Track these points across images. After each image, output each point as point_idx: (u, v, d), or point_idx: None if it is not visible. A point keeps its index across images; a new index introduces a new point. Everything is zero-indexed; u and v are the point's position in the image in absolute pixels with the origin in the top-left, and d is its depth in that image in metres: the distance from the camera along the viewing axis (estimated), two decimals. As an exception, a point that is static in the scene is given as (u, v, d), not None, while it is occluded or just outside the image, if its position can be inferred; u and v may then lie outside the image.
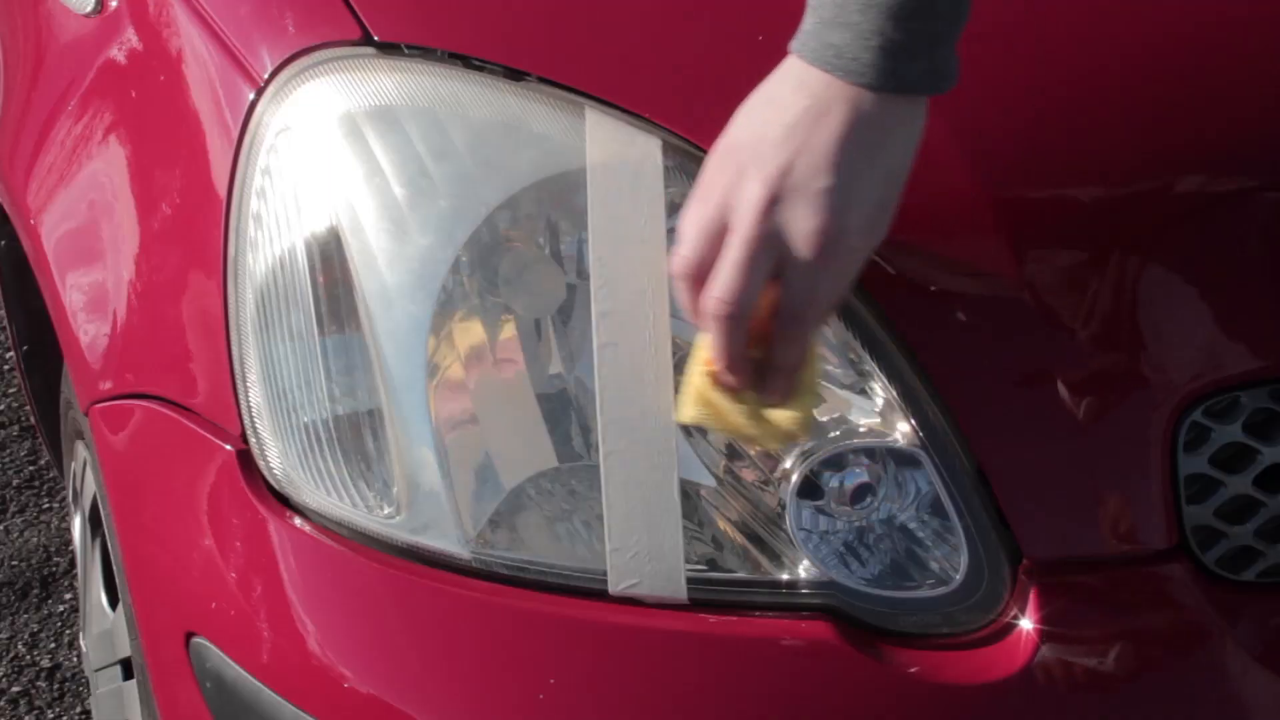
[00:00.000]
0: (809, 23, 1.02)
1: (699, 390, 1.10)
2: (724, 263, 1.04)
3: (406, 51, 1.23)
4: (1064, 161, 1.19)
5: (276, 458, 1.25)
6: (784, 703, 1.16)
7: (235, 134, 1.27)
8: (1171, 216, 1.20)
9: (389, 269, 1.19)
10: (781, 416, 1.10)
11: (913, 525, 1.19)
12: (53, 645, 2.45)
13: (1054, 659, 1.16)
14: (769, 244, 1.03)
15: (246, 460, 1.27)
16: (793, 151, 1.02)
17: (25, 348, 2.11)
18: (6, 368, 3.08)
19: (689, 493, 1.18)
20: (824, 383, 1.16)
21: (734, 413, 1.10)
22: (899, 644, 1.18)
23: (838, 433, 1.18)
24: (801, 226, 1.02)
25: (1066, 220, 1.19)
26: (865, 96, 1.01)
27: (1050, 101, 1.21)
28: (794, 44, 1.03)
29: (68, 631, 2.48)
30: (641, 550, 1.16)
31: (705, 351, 1.09)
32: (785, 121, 1.02)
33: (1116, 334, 1.18)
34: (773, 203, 1.02)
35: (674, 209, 1.16)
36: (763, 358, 1.07)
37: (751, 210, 1.02)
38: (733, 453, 1.19)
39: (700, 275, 1.05)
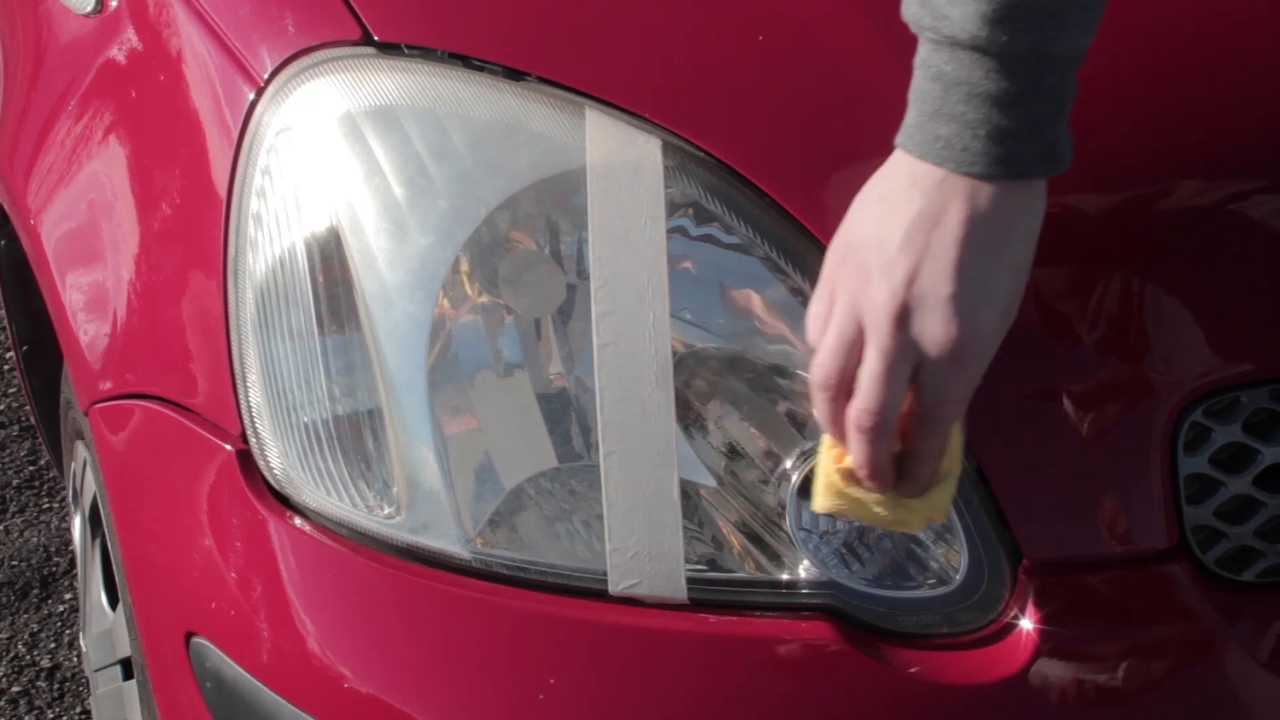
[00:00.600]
0: (912, 115, 1.01)
1: (834, 484, 1.09)
2: (865, 375, 1.03)
3: (406, 51, 1.23)
4: (1064, 161, 1.19)
5: (276, 457, 1.25)
6: (784, 703, 1.16)
7: (235, 134, 1.27)
8: (1171, 217, 1.20)
9: (389, 269, 1.19)
10: (923, 503, 1.09)
11: (913, 525, 1.19)
12: (53, 645, 2.45)
13: (1054, 659, 1.16)
14: (906, 353, 1.02)
15: (246, 460, 1.27)
16: (916, 258, 1.00)
17: (25, 348, 2.11)
18: (6, 368, 3.08)
19: (689, 493, 1.18)
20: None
21: (873, 503, 1.09)
22: (899, 644, 1.17)
23: (838, 433, 1.18)
24: (935, 335, 1.01)
25: (1066, 221, 1.18)
26: (980, 188, 1.00)
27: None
28: (900, 137, 1.02)
29: (68, 631, 2.48)
30: (641, 550, 1.16)
31: (836, 448, 1.08)
32: (903, 224, 1.01)
33: (1116, 334, 1.18)
34: (904, 312, 1.01)
35: (674, 209, 1.16)
36: (902, 451, 1.07)
37: (885, 321, 1.01)
38: (733, 453, 1.19)
39: (843, 385, 1.05)
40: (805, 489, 1.17)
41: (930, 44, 1.00)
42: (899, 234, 1.01)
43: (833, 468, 1.09)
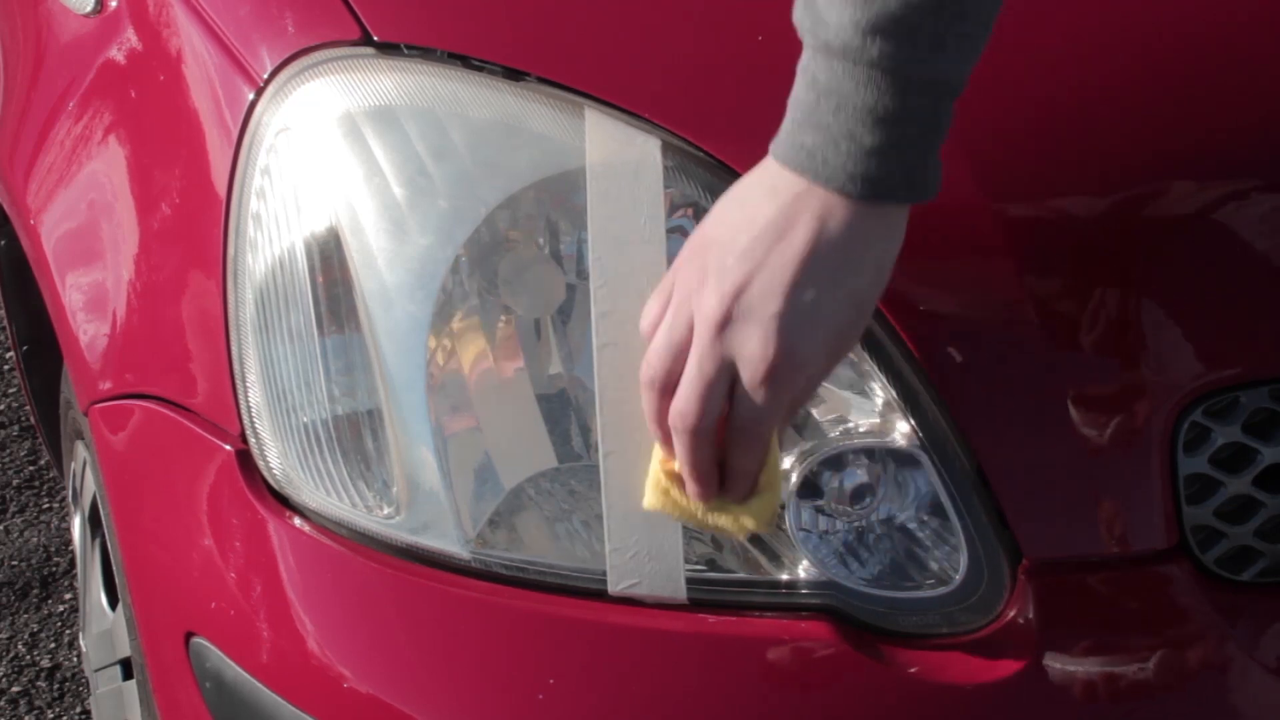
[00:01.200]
0: (786, 121, 1.00)
1: (660, 483, 1.10)
2: (684, 379, 1.03)
3: (406, 51, 1.23)
4: (1063, 163, 1.19)
5: (276, 458, 1.25)
6: (784, 703, 1.16)
7: (235, 134, 1.27)
8: (1171, 217, 1.20)
9: (389, 269, 1.19)
10: (742, 511, 1.09)
11: (912, 525, 1.19)
12: (53, 645, 2.45)
13: (1054, 659, 1.16)
14: (723, 364, 1.01)
15: (246, 460, 1.27)
16: (751, 268, 0.99)
17: (25, 348, 2.11)
18: (6, 368, 3.08)
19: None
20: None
21: (695, 507, 1.10)
22: (899, 644, 1.17)
23: (838, 433, 1.18)
24: (751, 351, 1.00)
25: (1066, 221, 1.19)
26: (833, 208, 0.98)
27: (1050, 102, 1.20)
28: (772, 144, 1.01)
29: (68, 631, 2.48)
30: (641, 550, 1.16)
31: (662, 445, 1.09)
32: (751, 232, 1.00)
33: (1116, 334, 1.18)
34: (726, 322, 1.00)
35: (674, 209, 1.16)
36: (723, 461, 1.07)
37: (707, 329, 1.01)
38: (732, 453, 1.19)
39: (668, 385, 1.04)
40: (805, 489, 1.17)
41: (809, 49, 0.98)
42: (743, 241, 1.00)
43: (659, 468, 1.10)
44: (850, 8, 0.95)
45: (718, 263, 1.01)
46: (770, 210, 0.99)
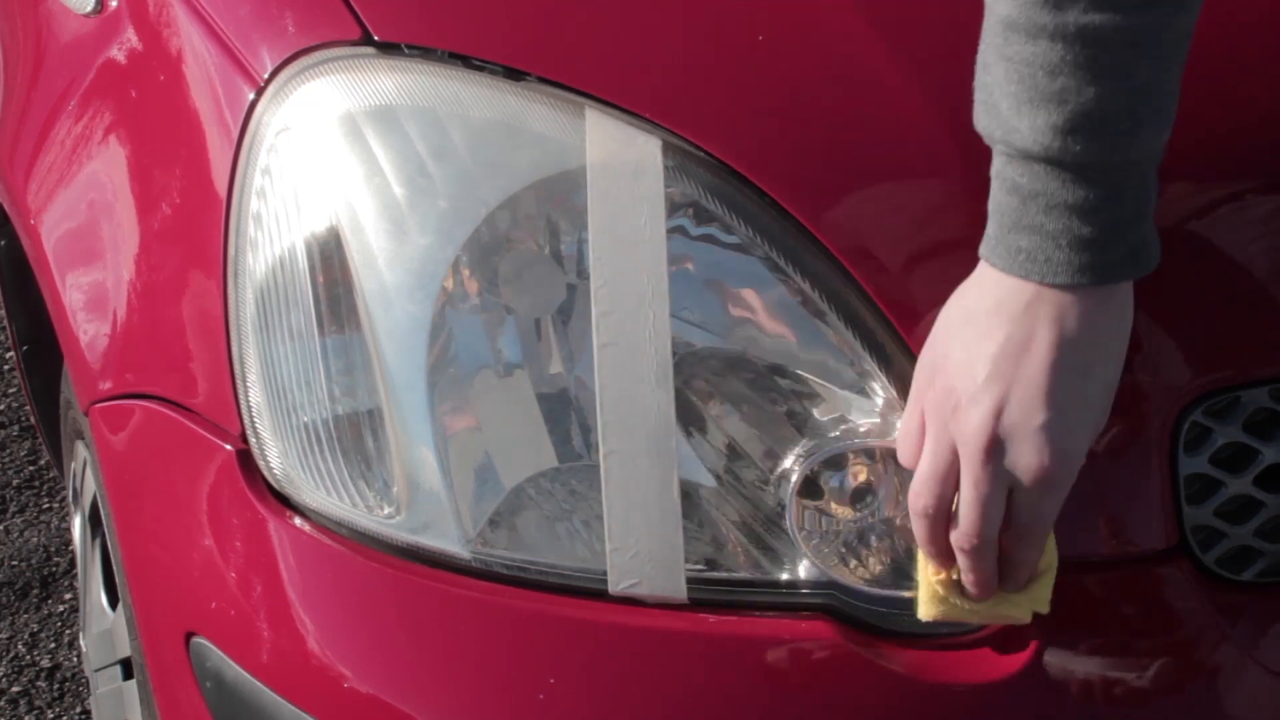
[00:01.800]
0: (993, 227, 1.01)
1: (936, 594, 1.12)
2: (963, 503, 1.05)
3: (406, 51, 1.23)
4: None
5: (276, 457, 1.25)
6: (784, 703, 1.16)
7: (235, 134, 1.27)
8: (1171, 217, 1.20)
9: (389, 269, 1.19)
10: (1024, 598, 1.12)
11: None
12: (53, 645, 2.45)
13: (1053, 659, 1.16)
14: (1000, 481, 1.03)
15: (246, 460, 1.27)
16: (1005, 387, 1.01)
17: (25, 348, 2.11)
18: (6, 368, 3.08)
19: (689, 493, 1.17)
20: (822, 381, 1.16)
21: (976, 607, 1.12)
22: (899, 644, 1.17)
23: (838, 433, 1.18)
24: (1028, 465, 1.02)
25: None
26: (1067, 307, 0.99)
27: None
28: (982, 249, 1.02)
29: (68, 631, 2.48)
30: (641, 550, 1.16)
31: (934, 559, 1.11)
32: (991, 352, 1.01)
33: (1117, 334, 1.18)
34: (995, 443, 1.02)
35: (674, 209, 1.16)
36: (1001, 556, 1.09)
37: (977, 453, 1.03)
38: (733, 453, 1.19)
39: (940, 513, 1.07)
40: (805, 489, 1.17)
41: (1003, 156, 0.99)
42: (987, 362, 1.01)
43: (933, 579, 1.12)
44: (1043, 112, 0.96)
45: (967, 387, 1.02)
46: (1006, 326, 1.01)
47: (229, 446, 1.28)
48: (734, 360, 1.18)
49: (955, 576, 1.11)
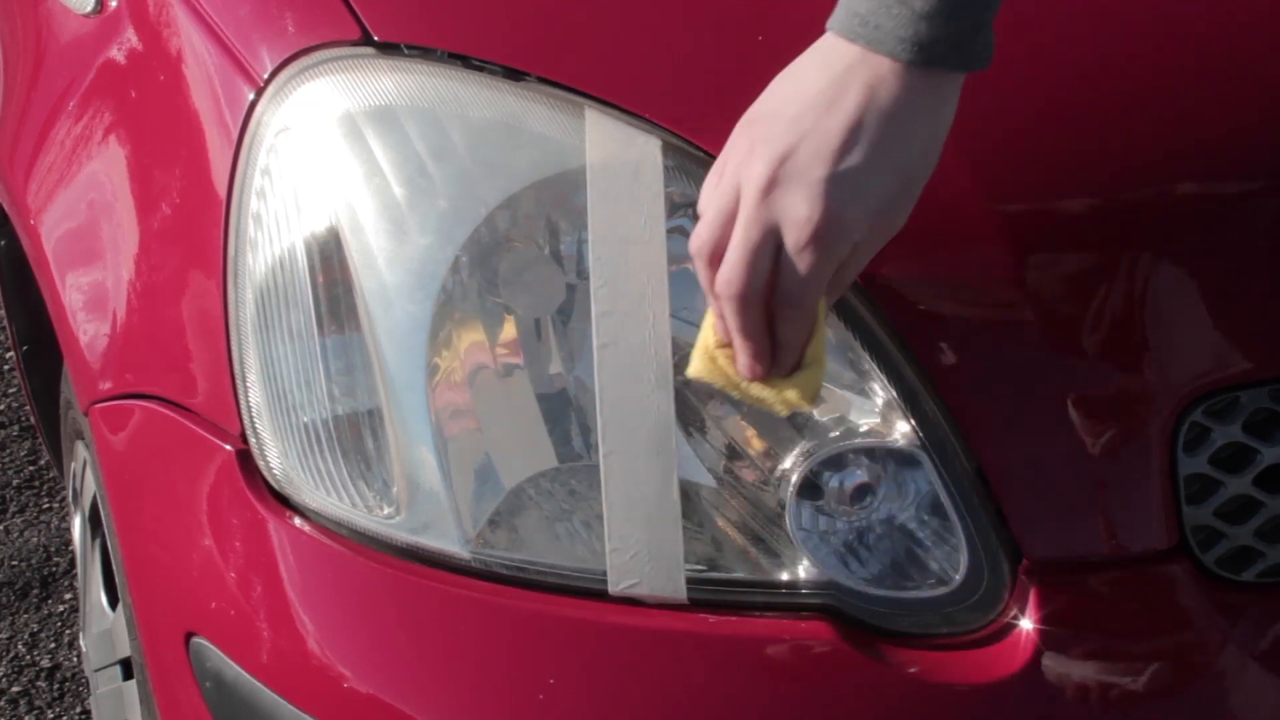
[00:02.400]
0: None
1: (709, 351, 1.09)
2: (731, 244, 1.03)
3: (406, 51, 1.23)
4: (1065, 163, 1.19)
5: (276, 458, 1.25)
6: (784, 703, 1.16)
7: (235, 134, 1.27)
8: (1172, 217, 1.20)
9: (389, 269, 1.19)
10: (788, 385, 1.09)
11: (912, 525, 1.19)
12: (53, 645, 2.45)
13: (1054, 659, 1.16)
14: (768, 227, 1.01)
15: (246, 460, 1.27)
16: (800, 134, 1.00)
17: (25, 348, 2.11)
18: (6, 368, 3.08)
19: (689, 493, 1.18)
20: (826, 381, 1.16)
21: (740, 379, 1.09)
22: (899, 644, 1.18)
23: (838, 433, 1.18)
24: (794, 214, 1.00)
25: (1067, 221, 1.19)
26: (884, 77, 0.99)
27: (1052, 102, 1.20)
28: (829, 19, 1.02)
29: (68, 631, 2.48)
30: (641, 550, 1.16)
31: (718, 322, 1.08)
32: (801, 99, 1.01)
33: (1117, 334, 1.18)
34: (772, 185, 1.01)
35: (674, 209, 1.16)
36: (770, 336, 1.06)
37: (753, 192, 1.01)
38: (733, 453, 1.19)
39: (716, 254, 1.04)
40: (805, 489, 1.18)
41: None
42: (793, 109, 1.01)
43: (711, 338, 1.09)
44: None
45: (766, 131, 1.01)
46: (821, 79, 1.00)
47: (229, 446, 1.28)
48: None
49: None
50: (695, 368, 1.11)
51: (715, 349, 1.09)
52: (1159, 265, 1.19)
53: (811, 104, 1.00)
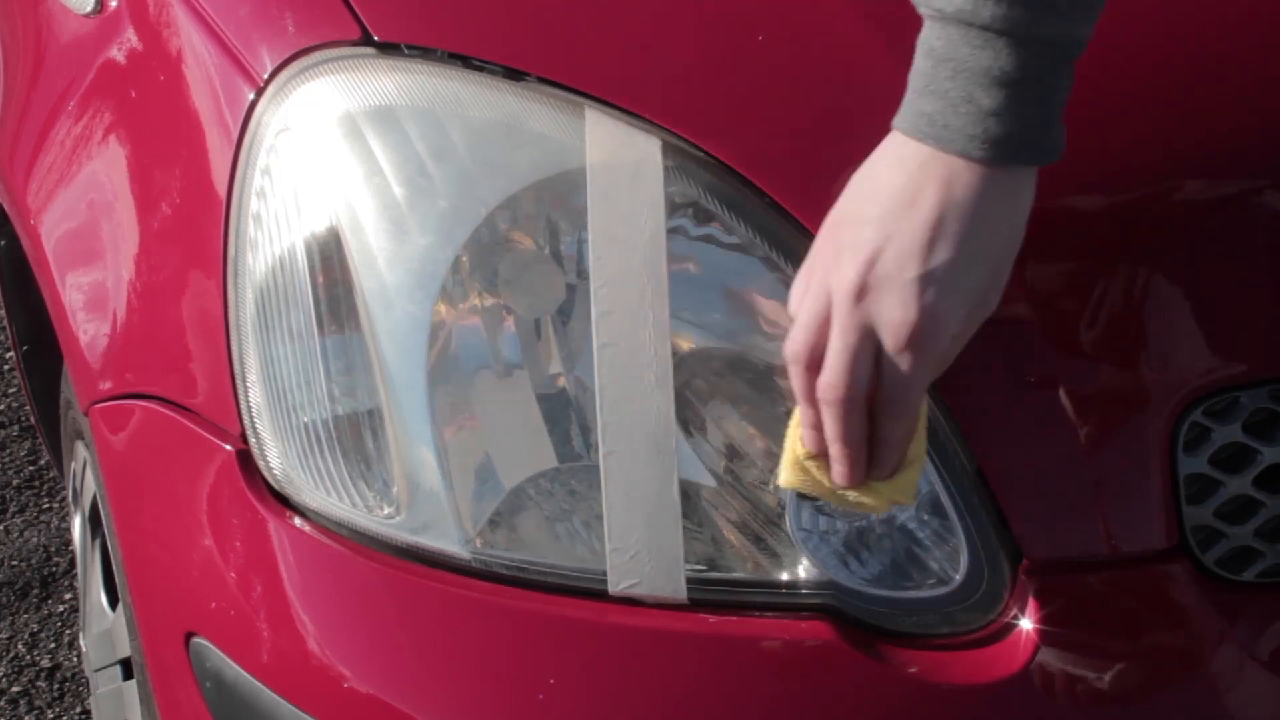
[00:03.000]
0: (907, 93, 1.01)
1: (798, 462, 1.10)
2: (829, 351, 1.03)
3: (406, 51, 1.23)
4: (1065, 163, 1.19)
5: (276, 458, 1.25)
6: (784, 703, 1.16)
7: (235, 134, 1.27)
8: (1172, 217, 1.20)
9: (389, 269, 1.19)
10: (886, 486, 1.09)
11: (912, 525, 1.19)
12: (53, 645, 2.45)
13: (1054, 659, 1.16)
14: (865, 332, 1.02)
15: (246, 460, 1.27)
16: (885, 236, 1.00)
17: (25, 348, 2.11)
18: (6, 368, 3.08)
19: (689, 493, 1.18)
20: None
21: (836, 489, 1.10)
22: (899, 644, 1.17)
23: (838, 433, 1.18)
24: (891, 317, 1.01)
25: (1067, 221, 1.19)
26: (958, 173, 0.99)
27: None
28: (895, 119, 1.02)
29: (68, 631, 2.48)
30: (641, 550, 1.16)
31: (807, 434, 1.09)
32: (880, 201, 1.01)
33: (1117, 334, 1.18)
34: (863, 291, 1.01)
35: (674, 209, 1.16)
36: (871, 436, 1.07)
37: (845, 298, 1.02)
38: (733, 453, 1.19)
39: (814, 360, 1.05)
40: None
41: (927, 20, 1.00)
42: (875, 212, 1.01)
43: (800, 451, 1.09)
44: None
45: (851, 236, 1.02)
46: (898, 180, 1.00)
47: (229, 446, 1.28)
48: (734, 360, 1.18)
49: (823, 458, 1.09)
50: (786, 479, 1.11)
51: (805, 460, 1.09)
52: (1159, 265, 1.19)
53: (890, 204, 1.00)
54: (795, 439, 1.10)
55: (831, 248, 1.03)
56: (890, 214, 1.00)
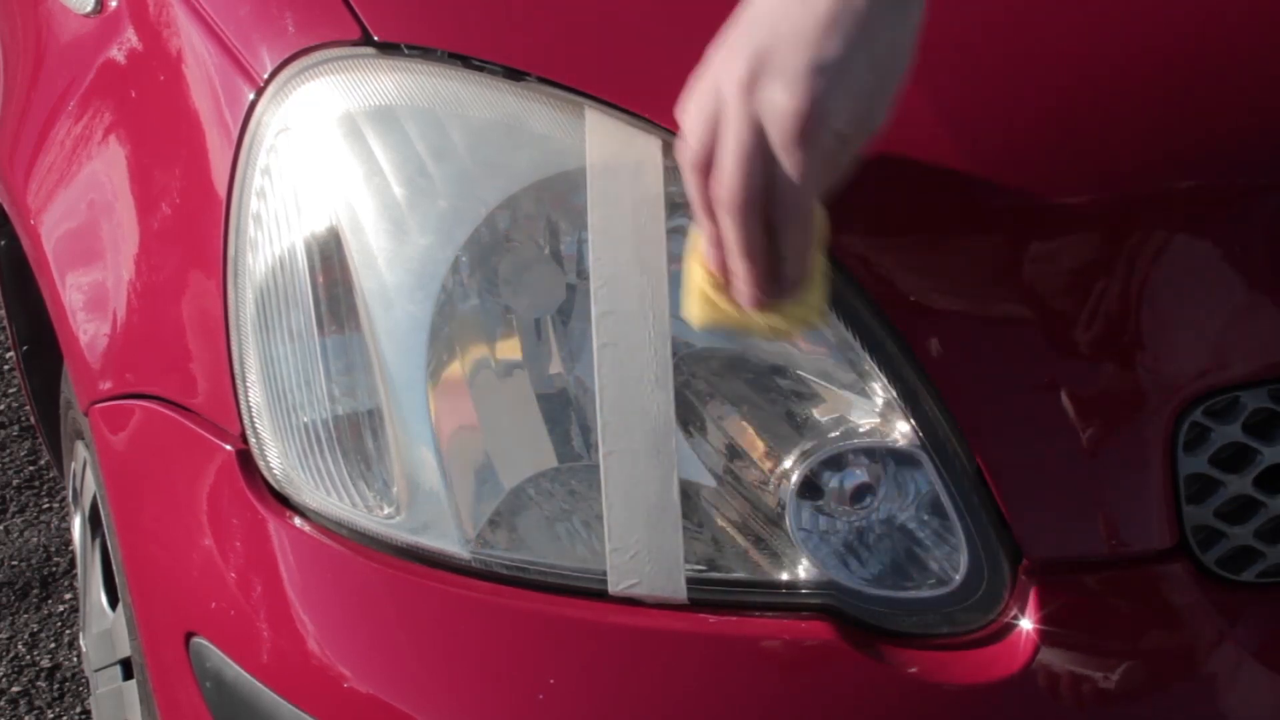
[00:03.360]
0: None
1: (704, 295, 1.08)
2: (721, 151, 1.03)
3: (406, 51, 1.23)
4: (1065, 162, 1.19)
5: (276, 458, 1.25)
6: (784, 703, 1.16)
7: (235, 134, 1.27)
8: (1172, 217, 1.20)
9: (389, 269, 1.19)
10: (796, 306, 1.07)
11: (913, 525, 1.19)
12: (53, 645, 2.45)
13: (1054, 659, 1.16)
14: (756, 124, 1.02)
15: (246, 460, 1.27)
16: (773, 29, 1.01)
17: (25, 348, 2.11)
18: (6, 368, 3.08)
19: (689, 493, 1.18)
20: (822, 381, 1.16)
21: (744, 312, 1.07)
22: (899, 644, 1.17)
23: (838, 433, 1.18)
24: (777, 105, 1.01)
25: (1067, 221, 1.19)
26: None
27: (1051, 101, 1.20)
28: None
29: (68, 631, 2.48)
30: (641, 550, 1.16)
31: (704, 261, 1.07)
32: (771, 4, 1.02)
33: (1117, 334, 1.18)
34: (753, 81, 1.01)
35: (674, 209, 1.16)
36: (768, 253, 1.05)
37: (735, 91, 1.02)
38: (733, 453, 1.19)
39: (706, 162, 1.04)
40: (805, 489, 1.18)
41: None
42: (764, 11, 1.02)
43: (702, 278, 1.08)
44: None
45: (742, 35, 1.03)
46: None
47: (229, 446, 1.28)
48: (734, 360, 1.18)
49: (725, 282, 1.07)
50: (694, 314, 1.09)
51: (710, 290, 1.08)
52: (1159, 265, 1.19)
53: (783, 3, 1.02)
54: (697, 268, 1.08)
55: (722, 50, 1.04)
56: (782, 10, 1.01)
